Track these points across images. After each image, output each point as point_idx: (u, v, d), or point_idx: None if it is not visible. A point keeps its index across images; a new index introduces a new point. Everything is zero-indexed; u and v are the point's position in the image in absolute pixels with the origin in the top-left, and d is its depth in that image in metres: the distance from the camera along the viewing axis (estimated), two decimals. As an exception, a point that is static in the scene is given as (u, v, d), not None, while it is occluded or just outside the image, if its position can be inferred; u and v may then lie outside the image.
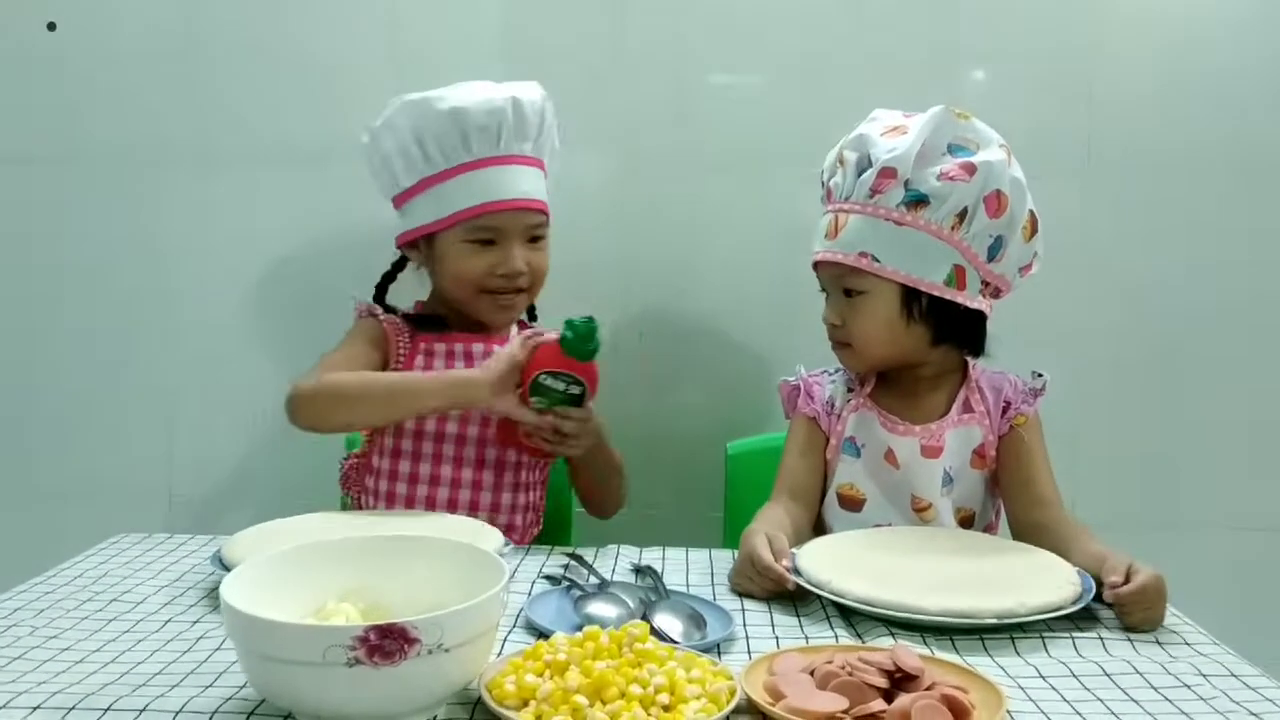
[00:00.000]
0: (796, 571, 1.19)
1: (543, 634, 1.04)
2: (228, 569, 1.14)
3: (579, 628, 1.05)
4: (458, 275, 1.51)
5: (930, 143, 1.36)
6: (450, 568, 0.97)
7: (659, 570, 1.28)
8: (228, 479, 1.99)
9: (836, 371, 1.53)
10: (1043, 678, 0.99)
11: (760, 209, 1.88)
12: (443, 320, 1.57)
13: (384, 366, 1.52)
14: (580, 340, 1.37)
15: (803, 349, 1.59)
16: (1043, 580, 1.15)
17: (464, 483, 1.51)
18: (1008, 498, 1.44)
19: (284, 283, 1.95)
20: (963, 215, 1.36)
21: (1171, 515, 1.92)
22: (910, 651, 0.92)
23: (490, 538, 1.27)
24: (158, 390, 1.98)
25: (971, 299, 1.39)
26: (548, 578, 1.25)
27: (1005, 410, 1.44)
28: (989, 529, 1.49)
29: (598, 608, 1.10)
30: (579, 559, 1.30)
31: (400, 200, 1.55)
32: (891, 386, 1.47)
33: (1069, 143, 1.86)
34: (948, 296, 1.38)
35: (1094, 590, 1.15)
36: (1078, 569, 1.20)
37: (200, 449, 1.99)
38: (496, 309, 1.54)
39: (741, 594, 1.22)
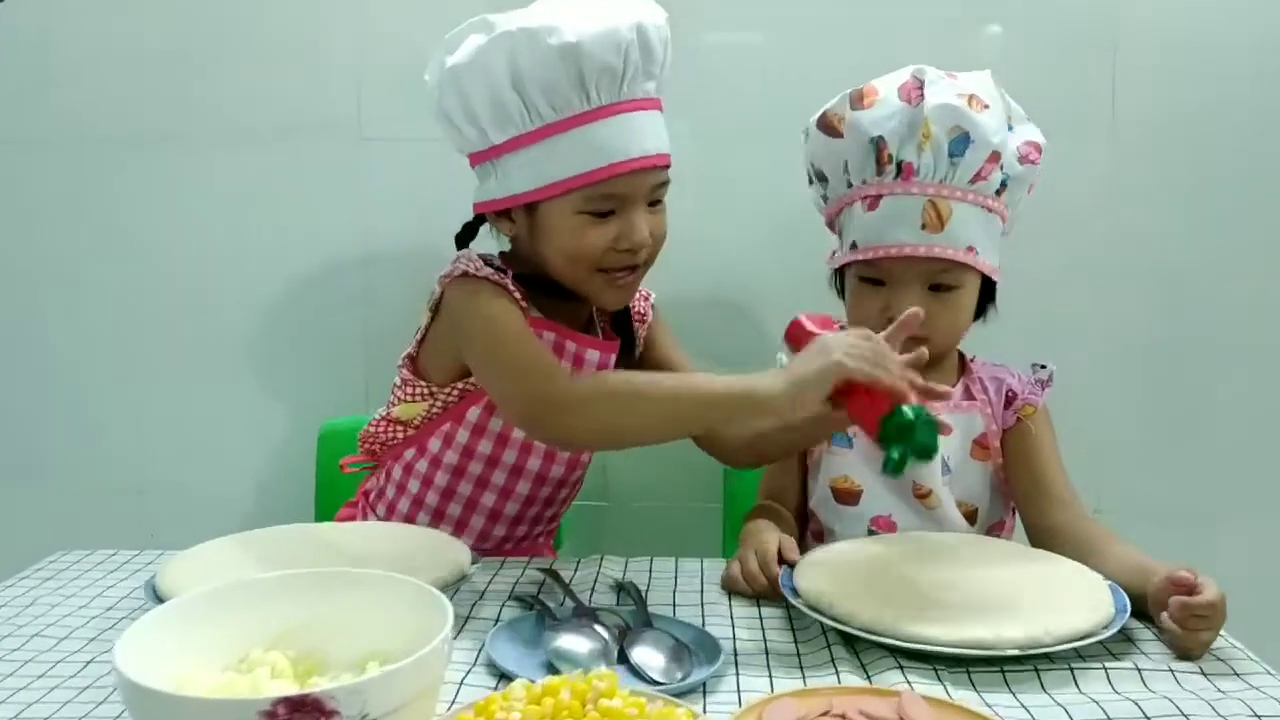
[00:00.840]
0: (794, 591, 1.07)
1: (505, 674, 0.93)
2: (161, 599, 1.04)
3: (548, 664, 0.95)
4: (572, 254, 1.23)
5: None
6: (394, 606, 0.86)
7: (644, 586, 1.17)
8: (200, 476, 1.88)
9: None
10: (1073, 722, 0.87)
11: (759, 177, 1.73)
12: (543, 287, 1.29)
13: None
14: (914, 456, 0.99)
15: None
16: (1071, 599, 1.03)
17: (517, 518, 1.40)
18: (1020, 498, 1.33)
19: (261, 270, 1.82)
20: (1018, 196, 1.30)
21: (1200, 506, 1.78)
22: (920, 702, 0.80)
23: (455, 553, 1.15)
24: (127, 381, 1.86)
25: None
26: (518, 599, 1.13)
27: (1009, 403, 1.33)
28: (996, 528, 1.38)
29: (569, 640, 0.98)
30: (555, 575, 1.17)
31: (484, 158, 1.24)
32: None
33: (1093, 101, 1.70)
34: (997, 279, 1.32)
35: (1128, 609, 1.03)
36: (1109, 583, 1.08)
37: (172, 444, 1.88)
38: (611, 290, 1.27)
39: (731, 590, 1.16)
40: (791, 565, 1.13)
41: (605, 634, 0.99)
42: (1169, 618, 0.99)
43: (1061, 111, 1.33)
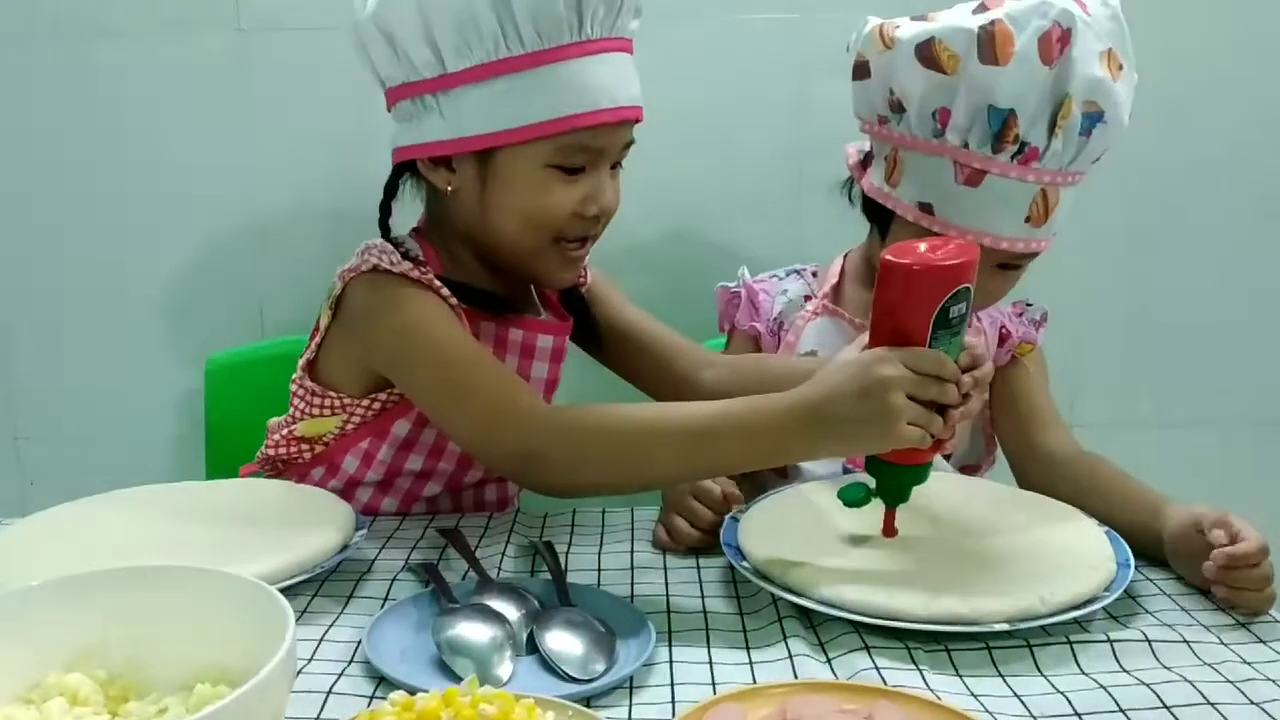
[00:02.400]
0: (739, 553, 0.91)
1: (385, 678, 0.76)
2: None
3: (438, 661, 0.78)
4: (532, 216, 1.02)
5: None
6: (230, 609, 0.68)
7: (565, 546, 1.00)
8: (83, 417, 1.68)
9: (789, 274, 1.25)
10: (1078, 716, 0.71)
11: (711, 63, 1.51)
12: (468, 293, 1.08)
13: None
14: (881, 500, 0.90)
15: (764, 247, 1.37)
16: (1067, 556, 0.87)
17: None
18: (1012, 434, 1.19)
19: (139, 184, 1.59)
20: None
21: (1178, 412, 1.66)
22: (894, 710, 0.64)
23: (338, 517, 0.96)
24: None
25: None
26: (413, 570, 0.96)
27: (1002, 340, 1.20)
28: (970, 469, 1.25)
29: (466, 628, 0.80)
30: (457, 539, 0.99)
31: (424, 90, 1.01)
32: (861, 290, 1.21)
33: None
34: None
35: (1131, 564, 0.87)
36: (1105, 529, 0.92)
37: (44, 384, 1.67)
38: (564, 264, 1.07)
39: (663, 544, 1.01)
40: (735, 512, 0.98)
41: (512, 617, 0.82)
42: (1213, 584, 0.87)
43: None
